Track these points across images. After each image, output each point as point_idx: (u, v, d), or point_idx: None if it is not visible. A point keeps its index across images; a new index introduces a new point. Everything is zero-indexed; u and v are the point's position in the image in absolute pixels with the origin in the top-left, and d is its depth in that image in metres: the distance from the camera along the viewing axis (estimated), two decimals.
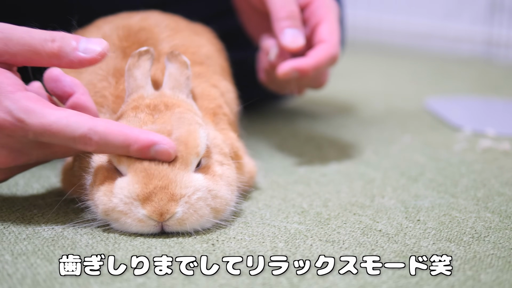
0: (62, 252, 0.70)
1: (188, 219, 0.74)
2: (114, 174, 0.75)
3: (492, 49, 2.75)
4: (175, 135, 0.75)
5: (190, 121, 0.77)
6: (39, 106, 0.73)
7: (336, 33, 1.04)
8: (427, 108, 1.63)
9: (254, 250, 0.73)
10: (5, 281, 0.63)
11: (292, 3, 1.01)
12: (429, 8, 2.95)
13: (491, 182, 1.02)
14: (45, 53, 0.75)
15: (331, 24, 1.04)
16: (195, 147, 0.75)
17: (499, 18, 2.74)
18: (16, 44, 0.75)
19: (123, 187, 0.73)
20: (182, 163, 0.74)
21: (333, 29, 1.03)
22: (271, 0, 1.01)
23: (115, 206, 0.73)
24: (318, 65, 1.00)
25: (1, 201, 0.85)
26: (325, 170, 1.07)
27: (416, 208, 0.89)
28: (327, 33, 1.03)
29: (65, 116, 0.72)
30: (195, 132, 0.76)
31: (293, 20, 1.00)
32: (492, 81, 2.25)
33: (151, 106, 0.78)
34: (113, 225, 0.76)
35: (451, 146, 1.25)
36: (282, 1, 1.01)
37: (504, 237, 0.79)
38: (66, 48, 0.76)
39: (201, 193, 0.74)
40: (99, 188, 0.75)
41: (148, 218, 0.73)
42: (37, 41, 0.75)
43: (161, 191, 0.72)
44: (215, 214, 0.76)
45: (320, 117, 1.53)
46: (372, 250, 0.74)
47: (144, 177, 0.72)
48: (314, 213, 0.86)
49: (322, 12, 1.04)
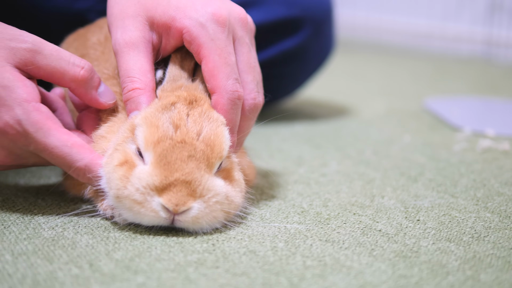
0: (62, 252, 0.70)
1: (203, 218, 0.74)
2: (134, 157, 0.75)
3: (491, 49, 2.75)
4: (203, 136, 0.75)
5: (217, 122, 0.77)
6: (48, 125, 0.75)
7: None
8: (427, 108, 1.63)
9: (254, 250, 0.73)
10: (5, 281, 0.63)
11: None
12: (429, 8, 2.95)
13: (491, 182, 1.02)
14: (69, 75, 0.79)
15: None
16: (220, 151, 0.75)
17: (499, 18, 2.74)
18: (43, 58, 0.77)
19: (141, 178, 0.72)
20: (208, 165, 0.74)
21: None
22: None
23: (130, 194, 0.73)
24: None
25: (2, 201, 0.85)
26: (325, 170, 1.07)
27: (416, 208, 0.89)
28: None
29: (69, 145, 0.76)
30: (221, 135, 0.76)
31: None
32: (491, 81, 2.26)
33: (187, 100, 0.78)
34: (123, 214, 0.75)
35: (450, 146, 1.25)
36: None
37: (504, 237, 0.80)
38: (89, 82, 0.80)
39: (219, 197, 0.75)
40: (116, 169, 0.74)
41: (162, 208, 0.72)
42: (65, 62, 0.79)
43: (182, 184, 0.72)
44: (226, 217, 0.77)
45: (320, 117, 1.53)
46: (372, 250, 0.74)
47: (166, 169, 0.72)
48: (314, 213, 0.86)
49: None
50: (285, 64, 1.39)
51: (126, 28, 0.81)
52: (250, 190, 0.91)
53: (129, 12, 0.81)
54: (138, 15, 0.81)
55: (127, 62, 0.80)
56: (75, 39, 1.00)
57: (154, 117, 0.75)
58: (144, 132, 0.74)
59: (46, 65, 0.78)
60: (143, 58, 0.80)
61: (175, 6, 0.80)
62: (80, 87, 0.80)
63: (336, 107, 1.66)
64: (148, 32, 0.81)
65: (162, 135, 0.74)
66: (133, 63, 0.80)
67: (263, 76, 0.89)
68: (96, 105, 0.82)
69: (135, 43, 0.80)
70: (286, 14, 1.34)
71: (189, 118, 0.76)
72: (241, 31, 0.83)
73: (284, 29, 1.36)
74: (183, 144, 0.73)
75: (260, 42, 1.37)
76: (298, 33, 1.37)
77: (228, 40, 0.80)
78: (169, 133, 0.74)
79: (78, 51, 0.95)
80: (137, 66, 0.80)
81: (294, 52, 1.38)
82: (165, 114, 0.75)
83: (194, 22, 0.79)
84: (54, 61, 0.78)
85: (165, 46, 0.83)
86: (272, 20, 1.33)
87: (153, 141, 0.73)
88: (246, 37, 0.84)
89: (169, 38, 0.82)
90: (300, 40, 1.37)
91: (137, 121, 0.76)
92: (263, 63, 1.40)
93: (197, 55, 0.80)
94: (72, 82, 0.79)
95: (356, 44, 2.99)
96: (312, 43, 1.40)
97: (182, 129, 0.74)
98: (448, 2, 2.90)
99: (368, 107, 1.68)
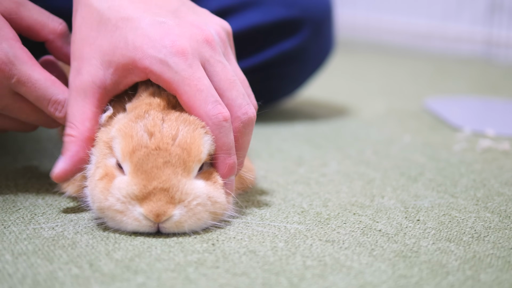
0: (62, 252, 0.70)
1: (186, 221, 0.74)
2: (114, 170, 0.76)
3: (491, 49, 2.75)
4: (179, 140, 0.75)
5: (195, 124, 0.77)
6: (32, 61, 0.82)
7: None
8: (427, 108, 1.63)
9: (254, 250, 0.73)
10: (5, 281, 0.63)
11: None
12: (429, 8, 2.95)
13: (491, 182, 1.02)
14: (49, 28, 0.87)
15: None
16: (197, 154, 0.75)
17: (499, 18, 2.74)
18: (26, 10, 0.85)
19: (121, 188, 0.73)
20: (185, 169, 0.74)
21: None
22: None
23: (111, 204, 0.73)
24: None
25: (2, 201, 0.85)
26: (325, 170, 1.07)
27: (416, 208, 0.89)
28: None
29: (51, 79, 0.82)
30: (199, 137, 0.76)
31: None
32: (491, 81, 2.26)
33: (161, 105, 0.78)
34: (108, 223, 0.76)
35: (450, 146, 1.25)
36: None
37: (504, 237, 0.80)
38: (67, 37, 0.88)
39: (200, 199, 0.75)
40: (97, 184, 0.75)
41: (144, 218, 0.73)
42: (45, 16, 0.87)
43: (161, 192, 0.72)
44: (213, 217, 0.77)
45: (320, 117, 1.54)
46: (372, 250, 0.74)
47: (144, 179, 0.73)
48: (314, 213, 0.86)
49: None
50: (284, 65, 1.39)
51: (78, 72, 0.80)
52: (249, 191, 0.91)
53: (85, 53, 0.80)
54: (92, 57, 0.79)
55: (71, 107, 0.81)
56: None
57: (128, 127, 0.75)
58: (120, 143, 0.74)
59: (28, 17, 0.85)
60: (87, 105, 0.80)
61: (132, 47, 0.78)
62: (58, 39, 0.87)
63: (336, 107, 1.66)
64: (100, 78, 0.79)
65: (136, 144, 0.74)
66: (76, 109, 0.80)
67: (263, 77, 0.89)
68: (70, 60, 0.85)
69: (83, 89, 0.80)
70: (285, 15, 1.34)
71: (165, 124, 0.75)
72: (208, 51, 0.80)
73: (283, 30, 1.36)
74: (157, 151, 0.73)
75: (259, 43, 1.37)
76: (298, 34, 1.37)
77: (195, 67, 0.78)
78: (143, 141, 0.74)
79: None
80: (79, 113, 0.80)
81: (293, 53, 1.38)
82: (139, 123, 0.75)
83: (154, 61, 0.77)
84: (35, 13, 0.86)
85: (129, 83, 0.81)
86: (271, 21, 1.33)
87: (129, 151, 0.74)
88: (216, 54, 0.80)
89: (133, 77, 0.80)
90: (300, 41, 1.37)
91: (112, 133, 0.76)
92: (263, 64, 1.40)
93: (170, 91, 0.79)
94: (51, 34, 0.87)
95: (356, 44, 2.99)
96: (311, 44, 1.40)
97: (157, 135, 0.74)
98: (448, 2, 2.90)
99: (368, 107, 1.68)
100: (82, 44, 0.80)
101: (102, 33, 0.79)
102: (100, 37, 0.79)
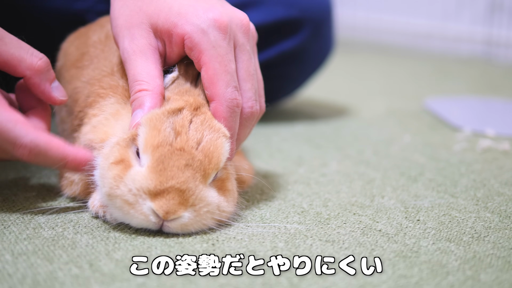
0: (62, 252, 0.70)
1: (192, 225, 0.75)
2: (131, 157, 0.75)
3: (491, 49, 2.75)
4: (202, 145, 0.75)
5: (219, 132, 0.77)
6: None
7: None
8: (427, 108, 1.63)
9: (254, 250, 0.73)
10: (5, 281, 0.63)
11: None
12: (429, 8, 2.95)
13: (491, 182, 1.02)
14: (26, 63, 0.81)
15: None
16: (217, 163, 0.76)
17: (499, 18, 2.74)
18: (3, 44, 0.80)
19: (136, 180, 0.72)
20: (203, 176, 0.74)
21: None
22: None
23: (122, 194, 0.73)
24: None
25: (2, 201, 0.85)
26: (325, 170, 1.07)
27: (416, 208, 0.89)
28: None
29: (14, 120, 0.76)
30: (221, 146, 0.76)
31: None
32: (491, 81, 2.25)
33: (193, 106, 0.78)
34: (113, 212, 0.76)
35: (450, 146, 1.25)
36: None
37: (504, 237, 0.80)
38: (45, 73, 0.82)
39: (211, 207, 0.75)
40: (111, 167, 0.75)
41: (152, 213, 0.72)
42: (24, 51, 0.81)
43: (176, 192, 0.72)
44: (217, 224, 0.78)
45: (320, 117, 1.54)
46: (372, 250, 0.74)
47: (161, 175, 0.72)
48: (314, 213, 0.86)
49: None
50: (284, 65, 1.39)
51: (132, 37, 0.81)
52: (247, 192, 0.91)
53: (134, 21, 0.82)
54: (142, 23, 0.82)
55: (135, 68, 0.80)
56: (76, 38, 1.00)
57: (158, 120, 0.75)
58: (146, 134, 0.74)
59: (5, 51, 0.80)
60: (151, 64, 0.81)
61: (176, 12, 0.80)
62: (35, 76, 0.81)
63: (336, 107, 1.66)
64: (153, 39, 0.82)
65: (162, 140, 0.74)
66: (141, 68, 0.80)
67: (263, 77, 0.89)
68: (48, 99, 0.83)
69: (142, 50, 0.81)
70: (285, 15, 1.34)
71: (191, 125, 0.76)
72: (243, 38, 0.83)
73: (283, 30, 1.36)
74: (181, 152, 0.73)
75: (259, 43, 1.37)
76: (297, 34, 1.37)
77: (229, 47, 0.80)
78: (169, 139, 0.74)
79: (79, 49, 0.95)
80: (145, 71, 0.80)
81: (293, 53, 1.38)
82: (169, 119, 0.75)
83: (196, 28, 0.79)
84: (13, 48, 0.80)
85: (169, 54, 0.83)
86: (271, 21, 1.33)
87: (153, 145, 0.73)
88: (247, 44, 0.83)
89: (172, 46, 0.81)
90: (299, 41, 1.37)
91: (142, 120, 0.76)
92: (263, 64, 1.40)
93: (197, 62, 0.80)
94: (28, 70, 0.81)
95: (356, 44, 2.99)
96: (311, 44, 1.40)
97: (183, 136, 0.74)
98: (448, 2, 2.90)
99: (368, 107, 1.68)
100: (130, 14, 0.82)
101: (148, 0, 0.82)
102: (145, 4, 0.82)
